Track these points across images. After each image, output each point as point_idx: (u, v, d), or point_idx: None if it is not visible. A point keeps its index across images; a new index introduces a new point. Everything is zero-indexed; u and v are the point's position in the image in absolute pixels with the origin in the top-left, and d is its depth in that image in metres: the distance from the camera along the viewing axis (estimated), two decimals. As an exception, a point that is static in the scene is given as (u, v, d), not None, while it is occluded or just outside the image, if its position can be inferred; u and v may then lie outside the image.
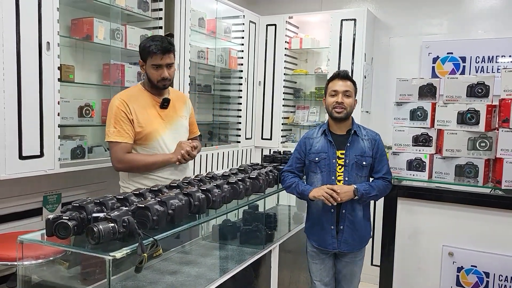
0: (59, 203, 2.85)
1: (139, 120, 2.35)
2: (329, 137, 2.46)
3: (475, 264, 2.55)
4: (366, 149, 2.44)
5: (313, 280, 2.57)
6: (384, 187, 2.47)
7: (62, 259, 2.11)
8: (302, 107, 4.68)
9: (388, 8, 4.36)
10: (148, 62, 2.36)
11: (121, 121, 2.31)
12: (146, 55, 2.35)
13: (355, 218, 2.43)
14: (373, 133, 2.52)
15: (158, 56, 2.32)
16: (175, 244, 2.48)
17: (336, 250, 2.46)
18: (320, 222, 2.47)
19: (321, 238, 2.48)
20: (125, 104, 2.34)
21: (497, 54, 3.88)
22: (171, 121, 2.48)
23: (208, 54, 3.84)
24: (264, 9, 4.76)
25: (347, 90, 2.41)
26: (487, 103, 2.56)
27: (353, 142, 2.44)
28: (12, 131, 2.25)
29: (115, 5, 2.89)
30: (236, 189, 2.12)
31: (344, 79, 2.44)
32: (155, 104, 2.43)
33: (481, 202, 2.53)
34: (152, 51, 2.31)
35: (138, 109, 2.36)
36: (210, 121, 4.24)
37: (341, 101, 2.39)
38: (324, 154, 2.44)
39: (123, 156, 2.32)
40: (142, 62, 2.40)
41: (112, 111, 2.34)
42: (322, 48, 4.52)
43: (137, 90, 2.45)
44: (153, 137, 2.39)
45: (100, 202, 1.63)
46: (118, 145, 2.31)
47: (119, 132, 2.31)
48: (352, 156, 2.42)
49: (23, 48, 2.27)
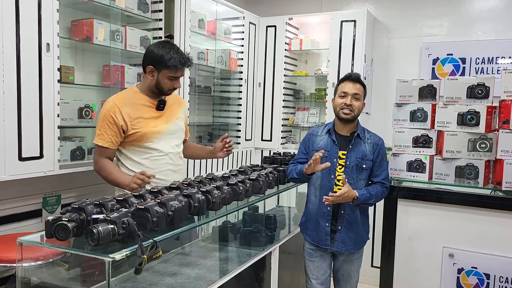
0: (58, 205, 2.84)
1: (133, 123, 2.35)
2: (333, 136, 2.48)
3: (476, 266, 2.55)
4: (368, 152, 2.44)
5: (310, 278, 2.57)
6: (381, 193, 2.49)
7: (61, 261, 2.11)
8: (302, 108, 4.68)
9: (388, 9, 4.37)
10: (164, 73, 2.35)
11: (106, 126, 2.33)
12: (163, 65, 2.33)
13: (353, 219, 2.45)
14: (376, 137, 2.53)
15: (178, 70, 2.36)
16: (174, 246, 2.48)
17: (331, 249, 2.46)
18: (316, 218, 2.49)
19: (314, 234, 2.50)
20: (116, 108, 2.33)
21: (497, 55, 3.88)
22: (167, 122, 2.48)
23: (208, 55, 3.84)
24: (264, 10, 4.76)
25: (357, 93, 2.43)
26: (487, 104, 2.56)
27: (355, 145, 2.45)
28: (11, 133, 2.25)
29: (115, 7, 2.88)
30: (236, 190, 2.12)
31: (355, 81, 2.45)
32: (151, 106, 2.44)
33: (481, 203, 2.53)
34: (173, 64, 2.33)
35: (132, 112, 2.36)
36: (210, 122, 4.24)
37: (349, 103, 2.41)
38: (326, 153, 2.45)
39: (98, 159, 2.37)
40: (153, 68, 2.36)
41: (101, 113, 2.37)
42: (322, 49, 4.52)
43: (133, 92, 2.45)
44: (148, 139, 2.39)
45: (100, 204, 1.63)
46: (98, 147, 2.36)
47: (102, 135, 2.34)
48: (353, 158, 2.42)
49: (23, 50, 2.27)
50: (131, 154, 2.40)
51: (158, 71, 2.36)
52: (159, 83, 2.39)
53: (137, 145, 2.39)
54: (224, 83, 4.30)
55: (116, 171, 2.37)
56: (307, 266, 2.59)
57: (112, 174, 2.34)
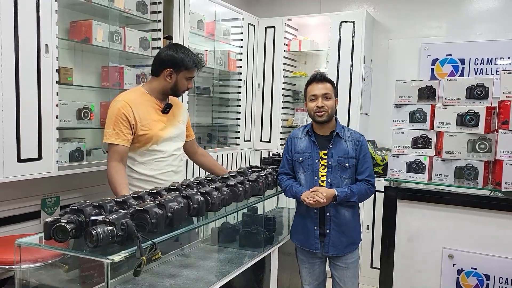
0: (57, 206, 2.83)
1: (142, 123, 2.35)
2: (313, 137, 2.46)
3: (475, 267, 2.55)
4: (350, 150, 2.42)
5: (303, 284, 2.57)
6: (366, 190, 2.43)
7: (60, 263, 2.10)
8: (301, 109, 4.68)
9: (387, 10, 4.37)
10: (184, 73, 2.43)
11: (120, 124, 2.30)
12: (183, 67, 2.41)
13: (341, 221, 2.42)
14: (357, 134, 2.50)
15: (196, 70, 2.48)
16: (174, 247, 2.47)
17: (322, 253, 2.45)
18: (304, 222, 2.47)
19: (304, 238, 2.48)
20: (128, 107, 2.33)
21: (496, 56, 3.88)
22: (172, 126, 2.49)
23: (207, 56, 3.83)
24: (263, 11, 4.76)
25: (326, 92, 2.40)
26: (487, 105, 2.56)
27: (335, 144, 2.43)
28: (10, 134, 2.24)
29: (113, 8, 2.88)
30: (235, 191, 2.11)
31: (321, 81, 2.43)
32: (157, 108, 2.44)
33: (481, 204, 2.53)
34: (193, 64, 2.43)
35: (142, 113, 2.36)
36: (209, 124, 4.24)
37: (321, 105, 2.38)
38: (308, 154, 2.45)
39: (114, 161, 2.28)
40: (172, 71, 2.41)
41: (113, 112, 2.33)
42: (321, 50, 4.52)
43: (140, 93, 2.45)
44: (155, 141, 2.40)
45: (99, 205, 1.62)
46: (115, 147, 2.30)
47: (117, 134, 2.30)
48: (335, 157, 2.40)
49: (22, 51, 2.26)
50: (134, 155, 2.39)
51: (177, 73, 2.41)
52: (177, 84, 2.44)
53: (142, 146, 2.38)
54: (223, 84, 4.30)
55: (122, 181, 2.25)
56: (300, 271, 2.59)
57: (119, 185, 2.22)
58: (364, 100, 4.14)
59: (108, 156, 2.34)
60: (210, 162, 2.84)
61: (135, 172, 2.39)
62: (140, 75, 3.11)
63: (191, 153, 2.81)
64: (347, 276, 2.49)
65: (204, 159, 2.83)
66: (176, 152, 2.51)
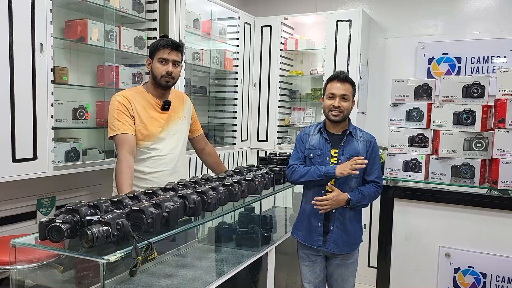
0: (53, 206, 2.82)
1: (141, 119, 2.34)
2: (325, 135, 2.46)
3: (472, 265, 2.55)
4: (360, 150, 2.42)
5: (303, 282, 2.57)
6: (375, 193, 2.45)
7: (56, 263, 2.09)
8: (298, 108, 4.67)
9: (383, 9, 4.37)
10: (156, 57, 2.38)
11: (124, 114, 2.31)
12: (155, 50, 2.38)
13: (345, 220, 2.42)
14: (368, 135, 2.50)
15: (166, 50, 2.36)
16: (170, 247, 2.46)
17: (323, 249, 2.44)
18: (308, 218, 2.47)
19: (307, 235, 2.48)
20: (127, 100, 2.34)
21: (492, 54, 3.89)
22: (171, 124, 2.47)
23: (203, 55, 3.83)
24: (259, 10, 4.75)
25: (345, 94, 2.38)
26: (483, 103, 2.56)
27: (347, 142, 2.43)
28: (5, 134, 2.23)
29: (109, 7, 2.87)
30: (231, 191, 2.10)
31: (342, 81, 2.40)
32: (156, 106, 2.42)
33: (478, 202, 2.53)
34: (161, 45, 2.36)
35: (140, 109, 2.36)
36: (205, 123, 4.22)
37: (338, 105, 2.37)
38: (319, 151, 2.44)
39: (125, 153, 2.23)
40: (150, 60, 2.41)
41: (114, 106, 2.33)
42: (317, 49, 4.52)
43: (140, 91, 2.44)
44: (150, 139, 2.38)
45: (94, 205, 1.61)
46: (124, 136, 2.27)
47: (124, 124, 2.29)
48: (345, 156, 2.40)
49: (16, 50, 2.25)
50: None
51: (152, 58, 2.40)
52: (153, 71, 2.39)
53: (138, 144, 2.37)
54: (220, 83, 4.29)
55: (128, 176, 2.21)
56: (301, 269, 2.58)
57: (124, 181, 2.19)
58: (360, 99, 4.14)
59: (117, 148, 2.30)
60: (214, 163, 2.81)
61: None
62: (136, 75, 3.10)
63: (199, 150, 2.79)
64: (346, 276, 2.50)
65: (209, 159, 2.80)
66: (173, 151, 2.49)
